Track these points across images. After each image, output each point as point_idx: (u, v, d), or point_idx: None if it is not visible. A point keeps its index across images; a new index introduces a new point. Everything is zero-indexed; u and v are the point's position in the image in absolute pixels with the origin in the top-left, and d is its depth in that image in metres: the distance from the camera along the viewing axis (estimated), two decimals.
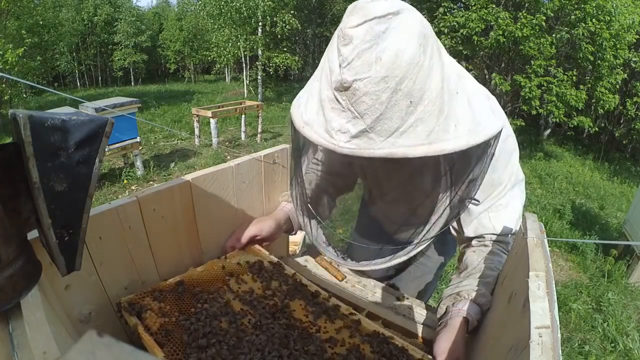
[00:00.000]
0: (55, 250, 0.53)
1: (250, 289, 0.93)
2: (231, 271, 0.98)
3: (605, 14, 7.93)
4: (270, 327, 0.80)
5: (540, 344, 0.47)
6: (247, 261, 1.04)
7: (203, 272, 0.95)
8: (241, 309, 0.86)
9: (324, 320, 0.88)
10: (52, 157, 0.49)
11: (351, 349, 0.80)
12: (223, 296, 0.88)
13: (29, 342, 0.44)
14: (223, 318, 0.80)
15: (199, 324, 0.76)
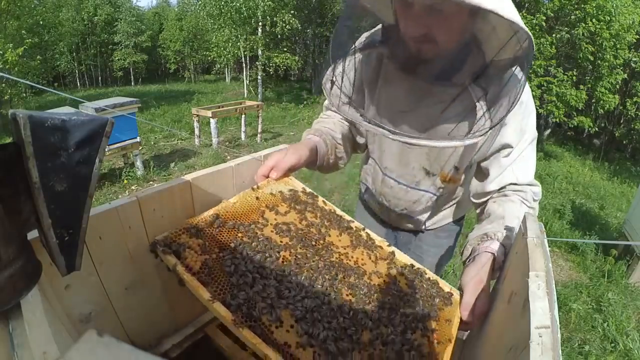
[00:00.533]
0: (55, 250, 0.53)
1: (288, 220, 0.89)
2: (266, 202, 0.92)
3: (605, 14, 7.94)
4: (312, 259, 0.79)
5: (540, 344, 0.47)
6: (281, 191, 0.96)
7: (237, 204, 0.87)
8: (281, 242, 0.81)
9: (361, 251, 0.88)
10: (52, 157, 0.49)
11: (389, 281, 0.83)
12: (262, 229, 0.83)
13: (29, 342, 0.44)
14: (265, 252, 0.77)
15: (241, 260, 0.72)
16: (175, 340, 1.06)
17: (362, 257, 0.87)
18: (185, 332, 1.08)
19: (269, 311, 0.65)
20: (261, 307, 0.65)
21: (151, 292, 0.97)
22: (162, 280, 0.99)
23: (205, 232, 0.78)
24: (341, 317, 0.69)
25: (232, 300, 0.65)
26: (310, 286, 0.72)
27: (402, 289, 0.83)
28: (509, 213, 0.95)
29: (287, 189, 0.99)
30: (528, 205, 0.99)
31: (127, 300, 0.91)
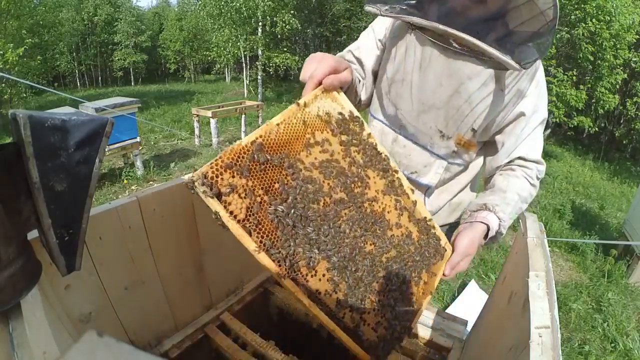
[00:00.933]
0: (55, 250, 0.53)
1: (332, 157, 0.82)
2: (312, 127, 0.81)
3: (605, 14, 7.94)
4: (349, 207, 0.82)
5: (540, 344, 0.47)
6: (328, 112, 0.85)
7: (282, 129, 0.76)
8: (323, 183, 0.79)
9: (390, 199, 0.90)
10: (52, 157, 0.49)
11: (406, 233, 0.91)
12: (306, 167, 0.78)
13: (29, 342, 0.44)
14: (308, 199, 0.74)
15: (286, 209, 0.70)
16: (175, 340, 1.06)
17: (390, 204, 0.90)
18: (185, 332, 1.09)
19: (308, 263, 0.70)
20: (302, 259, 0.69)
21: (151, 292, 0.97)
22: (162, 280, 0.99)
23: (248, 169, 0.68)
24: (363, 268, 0.79)
25: (277, 253, 0.67)
26: (344, 237, 0.78)
27: (413, 240, 0.92)
28: (511, 188, 1.01)
29: (336, 111, 0.86)
30: (530, 182, 1.04)
31: (127, 300, 0.91)
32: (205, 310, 1.18)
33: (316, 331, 1.17)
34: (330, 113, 0.86)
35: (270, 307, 1.34)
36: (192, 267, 1.08)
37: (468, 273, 3.36)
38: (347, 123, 0.88)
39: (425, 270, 0.93)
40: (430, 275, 0.94)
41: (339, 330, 0.76)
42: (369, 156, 0.89)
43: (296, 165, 0.76)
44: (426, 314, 1.23)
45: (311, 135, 0.82)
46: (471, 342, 1.02)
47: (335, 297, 0.75)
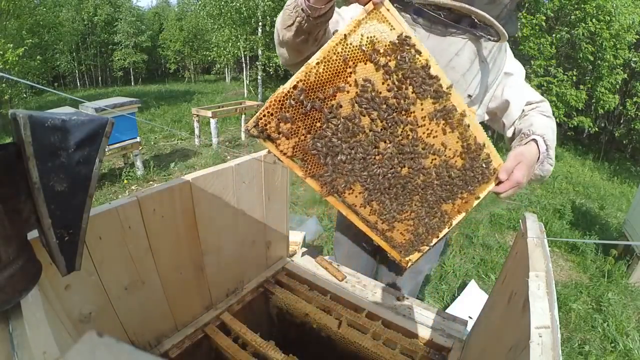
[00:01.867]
0: (55, 250, 0.53)
1: (374, 87, 0.81)
2: (354, 61, 0.78)
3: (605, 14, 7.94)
4: (387, 135, 0.87)
5: (540, 344, 0.47)
6: (372, 40, 0.77)
7: (321, 70, 0.76)
8: (362, 117, 0.82)
9: (437, 124, 0.90)
10: (52, 157, 0.49)
11: (450, 158, 0.95)
12: (346, 102, 0.80)
13: (29, 342, 0.44)
14: (346, 136, 0.83)
15: (326, 144, 0.82)
16: (175, 340, 1.06)
17: (436, 129, 0.90)
18: (185, 332, 1.09)
19: (346, 185, 0.89)
20: (340, 183, 0.88)
21: (151, 292, 0.97)
22: (162, 280, 0.99)
23: (292, 114, 0.78)
24: (397, 188, 0.94)
25: (320, 178, 0.86)
26: (380, 164, 0.89)
27: (457, 164, 0.97)
28: (535, 121, 1.09)
29: (383, 36, 0.78)
30: (546, 115, 1.13)
31: (127, 300, 0.91)
32: (205, 310, 1.18)
33: (316, 331, 1.17)
34: (375, 40, 0.78)
35: (270, 307, 1.34)
36: (192, 267, 1.08)
37: (468, 273, 3.36)
38: (395, 49, 0.79)
39: (466, 191, 0.99)
40: (470, 195, 1.00)
41: (371, 232, 0.99)
42: (419, 81, 0.83)
43: (336, 103, 0.81)
44: (426, 314, 1.23)
45: (352, 70, 0.79)
46: (471, 342, 1.02)
47: (369, 209, 0.95)
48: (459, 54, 1.06)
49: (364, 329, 1.14)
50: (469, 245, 3.87)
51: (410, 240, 1.04)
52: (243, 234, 1.23)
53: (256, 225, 1.28)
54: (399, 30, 0.79)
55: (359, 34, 0.77)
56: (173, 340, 1.05)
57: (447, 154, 0.94)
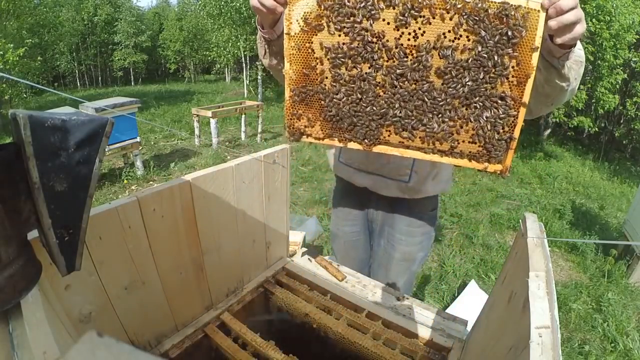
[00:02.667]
0: (55, 250, 0.53)
1: (339, 46, 0.88)
2: (307, 43, 0.91)
3: (605, 14, 7.93)
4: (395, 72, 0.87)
5: (540, 344, 0.47)
6: (303, 18, 0.89)
7: (293, 67, 0.93)
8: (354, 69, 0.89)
9: (412, 20, 0.83)
10: (52, 157, 0.49)
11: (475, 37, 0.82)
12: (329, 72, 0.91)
13: (29, 342, 0.44)
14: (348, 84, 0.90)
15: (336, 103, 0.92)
16: (175, 340, 1.06)
17: (420, 27, 0.83)
18: (185, 332, 1.09)
19: (377, 128, 0.93)
20: (377, 132, 0.93)
21: (151, 292, 0.97)
22: (162, 280, 0.99)
23: (302, 109, 0.96)
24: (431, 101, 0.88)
25: (355, 137, 0.95)
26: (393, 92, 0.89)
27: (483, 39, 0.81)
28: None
29: (309, 6, 0.89)
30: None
31: (127, 300, 0.91)
32: (205, 310, 1.18)
33: (316, 331, 1.17)
34: (306, 17, 0.88)
35: (270, 307, 1.34)
36: (192, 267, 1.08)
37: (468, 273, 3.36)
38: (322, 5, 0.87)
39: (508, 56, 0.80)
40: (519, 53, 0.80)
41: (442, 158, 0.92)
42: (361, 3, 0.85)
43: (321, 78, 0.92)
44: (426, 314, 1.23)
45: (311, 48, 0.90)
46: (471, 342, 1.02)
47: (419, 136, 0.91)
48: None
49: (364, 329, 1.14)
50: (469, 245, 3.87)
51: (487, 141, 0.87)
52: (243, 234, 1.23)
53: (256, 225, 1.28)
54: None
55: (294, 22, 0.90)
56: (173, 340, 1.05)
57: (451, 38, 0.83)
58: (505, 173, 0.90)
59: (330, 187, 5.25)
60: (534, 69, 0.80)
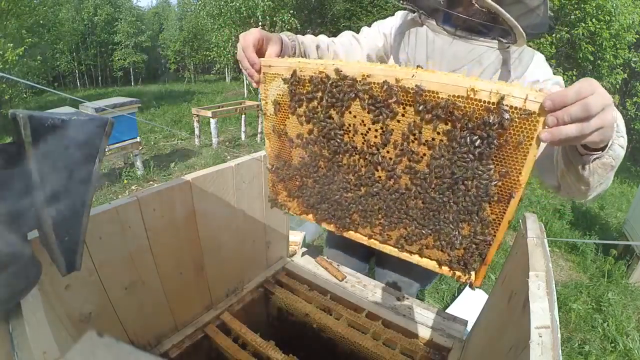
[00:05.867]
0: (55, 250, 0.53)
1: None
2: (280, 126, 0.90)
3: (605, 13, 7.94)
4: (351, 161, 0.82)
5: (540, 344, 0.47)
6: (275, 100, 0.87)
7: (270, 146, 0.96)
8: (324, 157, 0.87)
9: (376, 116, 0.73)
10: (52, 157, 0.49)
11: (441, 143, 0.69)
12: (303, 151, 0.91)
13: (29, 342, 0.44)
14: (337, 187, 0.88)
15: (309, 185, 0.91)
16: (175, 340, 1.06)
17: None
18: (185, 332, 1.09)
19: (345, 221, 0.90)
20: (347, 221, 0.89)
21: (151, 292, 0.97)
22: (162, 280, 0.99)
23: (280, 186, 0.98)
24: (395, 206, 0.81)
25: (331, 220, 0.92)
26: (373, 190, 0.82)
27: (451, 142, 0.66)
28: None
29: (280, 90, 0.85)
30: None
31: (127, 300, 0.91)
32: (205, 310, 1.18)
33: (316, 331, 1.17)
34: (278, 100, 0.87)
35: (270, 307, 1.34)
36: (192, 267, 1.08)
37: None
38: (292, 88, 0.82)
39: (492, 162, 0.64)
40: (503, 162, 0.63)
41: (408, 256, 0.84)
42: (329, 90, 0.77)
43: (295, 157, 0.91)
44: (426, 314, 1.23)
45: (284, 128, 0.89)
46: (471, 342, 1.02)
47: (388, 234, 0.84)
48: (480, 61, 1.00)
49: (364, 329, 1.14)
50: None
51: (458, 255, 0.77)
52: (243, 234, 1.23)
53: (256, 225, 1.28)
54: (287, 75, 0.82)
55: (269, 102, 0.89)
56: (173, 340, 1.05)
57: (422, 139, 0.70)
58: (476, 284, 0.77)
59: None
60: (521, 187, 0.63)
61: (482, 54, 0.99)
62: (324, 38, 1.13)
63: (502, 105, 0.59)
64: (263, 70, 0.86)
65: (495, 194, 0.66)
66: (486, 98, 0.60)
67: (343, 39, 1.17)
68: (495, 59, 1.00)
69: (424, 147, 0.69)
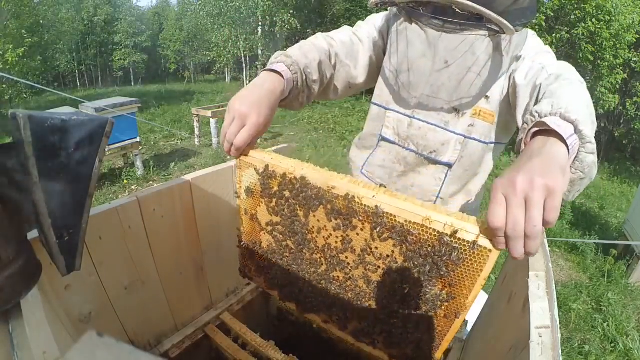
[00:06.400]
0: (55, 250, 0.53)
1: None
2: (252, 213, 0.92)
3: (605, 13, 7.95)
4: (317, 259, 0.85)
5: (540, 344, 0.47)
6: (248, 188, 0.89)
7: (242, 229, 0.97)
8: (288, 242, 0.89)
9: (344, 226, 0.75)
10: (52, 157, 0.49)
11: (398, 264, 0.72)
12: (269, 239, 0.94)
13: (29, 342, 0.44)
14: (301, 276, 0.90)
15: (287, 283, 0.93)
16: (175, 340, 1.06)
17: (340, 235, 0.76)
18: (185, 332, 1.08)
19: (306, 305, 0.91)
20: (309, 306, 0.91)
21: (151, 292, 0.97)
22: (162, 280, 0.99)
23: (251, 271, 1.03)
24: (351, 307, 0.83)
25: (294, 302, 0.94)
26: (330, 290, 0.85)
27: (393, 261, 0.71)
28: (558, 92, 0.72)
29: (252, 180, 0.87)
30: (574, 78, 0.81)
31: (127, 300, 0.91)
32: (205, 310, 1.18)
33: (316, 331, 1.17)
34: (251, 189, 0.89)
35: (270, 307, 1.34)
36: (192, 267, 1.08)
37: None
38: (263, 186, 0.85)
39: (441, 284, 0.66)
40: (452, 286, 0.65)
41: (365, 345, 0.86)
42: (296, 192, 0.80)
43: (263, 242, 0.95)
44: None
45: (257, 219, 0.91)
46: (471, 342, 1.02)
47: (344, 324, 0.86)
48: (473, 51, 0.98)
49: None
50: None
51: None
52: None
53: None
54: (260, 167, 0.84)
55: (243, 187, 0.90)
56: (173, 340, 1.05)
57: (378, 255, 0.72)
58: None
59: None
60: (467, 309, 0.65)
61: (473, 43, 0.98)
62: (323, 43, 1.09)
63: (455, 238, 0.60)
64: (239, 157, 0.87)
65: (443, 311, 0.69)
66: (440, 229, 0.62)
67: (343, 37, 1.15)
68: (487, 45, 0.98)
69: (379, 260, 0.72)
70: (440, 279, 0.65)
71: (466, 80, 1.02)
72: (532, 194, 0.51)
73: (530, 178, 0.51)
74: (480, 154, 1.14)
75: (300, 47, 1.04)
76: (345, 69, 1.15)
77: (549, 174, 0.52)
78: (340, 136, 8.46)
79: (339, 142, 7.97)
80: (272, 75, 0.92)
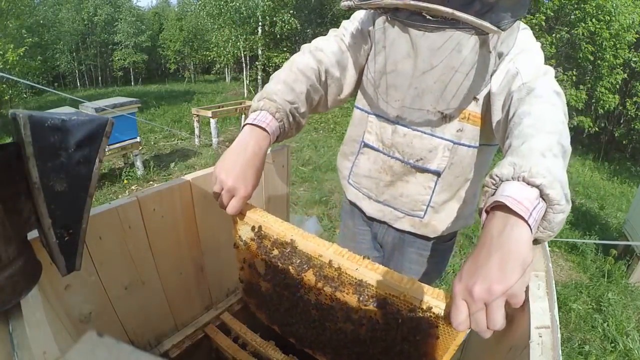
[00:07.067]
0: (55, 250, 0.53)
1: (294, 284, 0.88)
2: (249, 263, 0.97)
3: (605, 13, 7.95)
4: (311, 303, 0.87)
5: (540, 344, 0.47)
6: (244, 242, 0.93)
7: (242, 274, 1.03)
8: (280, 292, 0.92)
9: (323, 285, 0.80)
10: (52, 157, 0.49)
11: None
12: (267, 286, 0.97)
13: (29, 342, 0.44)
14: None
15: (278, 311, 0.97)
16: (175, 340, 1.06)
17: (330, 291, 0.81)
18: (185, 332, 1.08)
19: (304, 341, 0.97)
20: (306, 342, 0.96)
21: (151, 292, 0.97)
22: (162, 280, 0.99)
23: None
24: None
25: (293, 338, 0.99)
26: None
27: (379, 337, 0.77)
28: (524, 132, 0.67)
29: (247, 236, 0.91)
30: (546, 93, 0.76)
31: (127, 300, 0.91)
32: (205, 310, 1.18)
33: None
34: (247, 243, 0.92)
35: None
36: (192, 267, 1.08)
37: None
38: (254, 243, 0.90)
39: (417, 347, 0.71)
40: (427, 351, 0.70)
41: None
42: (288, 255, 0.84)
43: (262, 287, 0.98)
44: None
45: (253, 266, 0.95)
46: (471, 342, 1.02)
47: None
48: (459, 49, 0.91)
49: None
50: (469, 245, 3.87)
51: None
52: None
53: None
54: (255, 226, 0.87)
55: (240, 240, 0.93)
56: (173, 340, 1.05)
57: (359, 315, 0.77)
58: None
59: (331, 187, 5.25)
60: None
61: (460, 41, 0.90)
62: (311, 62, 1.02)
63: (430, 312, 0.64)
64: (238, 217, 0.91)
65: None
66: (417, 303, 0.66)
67: (333, 47, 1.08)
68: (474, 43, 0.91)
69: (364, 319, 0.78)
70: (415, 343, 0.71)
71: (453, 82, 0.95)
72: (491, 302, 0.52)
73: (487, 287, 0.52)
74: (471, 159, 1.08)
75: (286, 77, 0.97)
76: (336, 83, 1.10)
77: (508, 275, 0.51)
78: (340, 136, 8.46)
79: (339, 142, 7.96)
80: (255, 132, 0.88)
